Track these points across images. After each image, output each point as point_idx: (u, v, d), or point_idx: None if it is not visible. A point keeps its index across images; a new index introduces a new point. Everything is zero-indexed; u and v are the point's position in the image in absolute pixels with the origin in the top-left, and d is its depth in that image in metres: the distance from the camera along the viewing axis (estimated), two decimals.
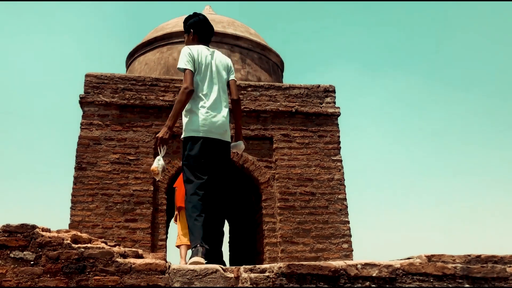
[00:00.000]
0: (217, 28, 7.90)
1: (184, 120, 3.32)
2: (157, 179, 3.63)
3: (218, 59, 3.41)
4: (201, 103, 3.24)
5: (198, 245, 2.91)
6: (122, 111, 6.63)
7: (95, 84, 6.68)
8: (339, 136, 7.10)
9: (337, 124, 7.17)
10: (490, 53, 26.90)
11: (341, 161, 6.97)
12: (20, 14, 26.30)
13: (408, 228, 22.41)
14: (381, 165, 25.79)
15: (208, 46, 3.46)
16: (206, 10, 8.98)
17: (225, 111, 3.29)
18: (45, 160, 24.36)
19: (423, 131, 26.62)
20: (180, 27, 7.91)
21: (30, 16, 26.83)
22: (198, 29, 3.48)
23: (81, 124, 6.51)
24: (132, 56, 8.31)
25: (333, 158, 6.95)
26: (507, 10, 24.91)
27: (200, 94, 3.26)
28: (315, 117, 7.09)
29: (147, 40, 8.01)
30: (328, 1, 28.78)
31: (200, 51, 3.33)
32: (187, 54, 3.27)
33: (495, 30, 26.41)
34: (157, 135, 3.32)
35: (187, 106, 3.27)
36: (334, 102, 7.23)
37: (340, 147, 7.05)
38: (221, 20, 8.25)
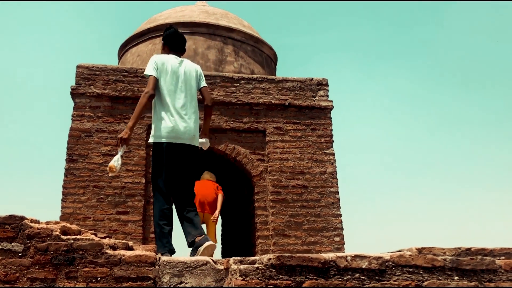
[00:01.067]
0: (210, 19, 7.85)
1: (152, 126, 3.52)
2: (110, 175, 3.82)
3: (187, 67, 3.62)
4: (168, 110, 3.44)
5: (167, 253, 3.17)
6: (114, 102, 6.59)
7: (86, 76, 6.62)
8: (331, 130, 7.10)
9: (330, 118, 7.16)
10: (488, 48, 27.01)
11: (333, 154, 6.97)
12: (11, 4, 26.00)
13: (401, 222, 22.57)
14: (374, 159, 25.90)
15: (179, 56, 3.71)
16: (200, 2, 8.92)
17: (192, 117, 3.51)
18: (36, 152, 24.21)
19: (416, 125, 26.74)
20: (173, 19, 7.86)
21: (21, 6, 26.54)
22: (169, 41, 3.73)
23: (72, 115, 6.46)
24: (125, 48, 8.24)
25: (325, 151, 6.95)
26: (507, 5, 24.99)
27: (168, 102, 3.45)
28: (308, 110, 7.08)
29: (139, 32, 7.94)
30: None
31: (167, 60, 3.57)
32: (153, 62, 3.53)
33: (494, 25, 26.50)
34: (118, 135, 3.56)
35: (156, 113, 3.48)
36: (327, 96, 7.22)
37: (333, 141, 7.06)
38: (214, 12, 8.20)
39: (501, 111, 25.53)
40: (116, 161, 3.44)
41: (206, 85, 3.73)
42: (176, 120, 3.43)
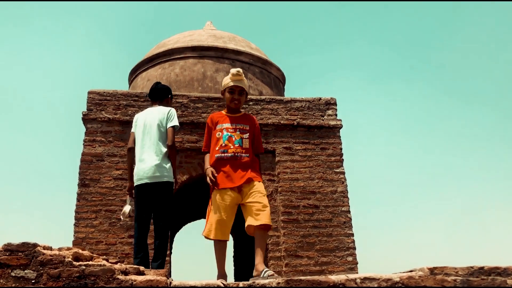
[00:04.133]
0: (218, 43, 7.98)
1: None
2: (123, 219, 4.33)
3: (153, 114, 4.14)
4: (136, 156, 4.07)
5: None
6: (125, 127, 6.68)
7: (97, 101, 6.73)
8: (341, 148, 7.10)
9: (339, 137, 7.17)
10: (495, 65, 26.93)
11: (344, 173, 6.96)
12: (24, 30, 26.64)
13: (415, 240, 22.24)
14: (385, 177, 25.70)
15: (157, 104, 4.29)
16: (207, 26, 9.07)
17: (155, 158, 3.97)
18: (49, 177, 24.44)
19: (426, 143, 26.56)
20: (182, 43, 8.00)
21: (34, 32, 27.17)
22: (149, 96, 4.43)
23: (84, 141, 6.55)
24: (135, 73, 8.39)
25: (336, 170, 6.94)
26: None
27: (136, 150, 4.09)
28: (317, 129, 7.11)
29: (149, 57, 8.09)
30: (328, 12, 28.98)
31: (140, 114, 4.24)
32: (133, 122, 4.28)
33: (499, 42, 26.47)
34: (126, 189, 4.32)
35: None
36: (336, 115, 7.25)
37: (343, 159, 7.05)
38: (222, 35, 8.33)
39: None
40: (126, 208, 4.15)
41: (174, 125, 4.10)
42: (138, 164, 4.00)
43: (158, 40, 9.58)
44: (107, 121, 6.65)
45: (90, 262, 2.62)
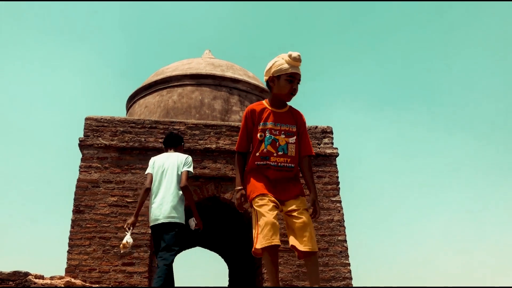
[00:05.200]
0: (216, 71, 8.06)
1: None
2: (122, 251, 4.34)
3: (170, 159, 4.36)
4: (152, 197, 4.23)
5: None
6: (121, 153, 6.67)
7: (94, 127, 6.74)
8: (338, 177, 7.09)
9: (336, 165, 7.18)
10: (492, 94, 27.23)
11: (340, 202, 6.93)
12: (24, 55, 26.86)
13: (413, 269, 22.00)
14: (382, 205, 25.59)
15: (173, 150, 4.54)
16: (206, 54, 9.19)
17: (172, 200, 4.12)
18: (44, 203, 24.24)
19: (424, 170, 26.58)
20: (180, 71, 8.08)
21: (33, 57, 27.41)
22: (164, 143, 4.66)
23: (80, 167, 6.53)
24: (133, 99, 8.43)
25: (332, 199, 6.92)
26: None
27: (153, 191, 4.24)
28: (313, 158, 7.11)
29: (147, 84, 8.15)
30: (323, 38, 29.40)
31: (157, 158, 4.45)
32: (149, 164, 4.44)
33: (499, 69, 26.84)
34: (127, 221, 4.39)
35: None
36: (332, 143, 7.27)
37: (339, 188, 7.03)
38: (220, 64, 8.42)
39: (508, 150, 25.39)
40: (128, 239, 4.20)
41: (189, 170, 4.29)
42: (155, 205, 4.16)
43: (157, 67, 9.68)
44: (104, 147, 6.65)
45: None
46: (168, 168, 4.29)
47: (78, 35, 28.28)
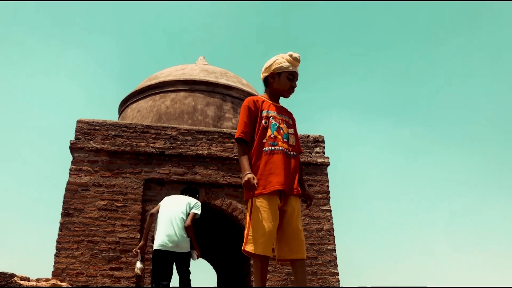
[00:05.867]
0: (210, 78, 8.08)
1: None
2: (136, 273, 5.02)
3: (185, 198, 4.95)
4: (163, 224, 4.72)
5: None
6: (112, 157, 6.65)
7: (86, 130, 6.72)
8: (328, 186, 7.12)
9: (327, 174, 7.20)
10: (488, 104, 27.50)
11: (330, 211, 6.95)
12: (16, 57, 26.74)
13: (401, 278, 22.02)
14: (372, 215, 25.66)
15: (184, 195, 5.08)
16: (200, 60, 9.21)
17: (181, 232, 4.68)
18: (33, 205, 24.01)
19: (415, 180, 26.71)
20: (174, 77, 8.08)
21: (26, 60, 27.29)
22: (181, 191, 5.19)
23: (70, 169, 6.49)
24: (125, 103, 8.42)
25: (322, 208, 6.94)
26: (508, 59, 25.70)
27: (164, 219, 4.73)
28: (304, 166, 7.13)
29: (140, 88, 8.15)
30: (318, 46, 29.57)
31: (169, 198, 5.03)
32: (164, 199, 5.03)
33: (491, 78, 27.13)
34: (138, 246, 5.05)
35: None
36: (323, 152, 7.30)
37: (330, 197, 7.05)
38: (214, 70, 8.44)
39: (500, 164, 25.61)
40: (138, 265, 4.95)
41: (196, 212, 4.85)
42: (165, 233, 4.67)
43: (150, 72, 9.69)
44: (95, 150, 6.62)
45: None
46: (180, 205, 4.87)
47: (72, 39, 28.24)
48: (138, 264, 4.95)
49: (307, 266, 6.48)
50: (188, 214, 4.82)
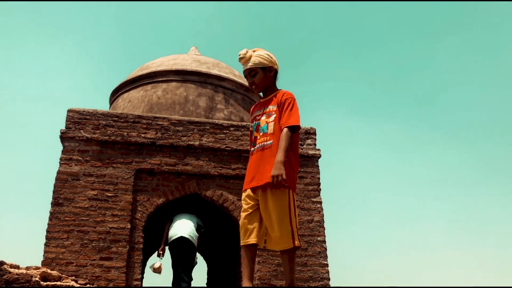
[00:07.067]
0: (202, 68, 8.04)
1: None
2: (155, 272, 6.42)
3: (195, 217, 6.76)
4: (177, 223, 6.55)
5: None
6: (103, 147, 6.61)
7: (77, 120, 6.67)
8: (319, 178, 7.14)
9: (318, 166, 7.22)
10: (481, 99, 27.69)
11: (321, 202, 6.98)
12: (6, 45, 26.41)
13: (391, 271, 22.25)
14: (363, 208, 25.83)
15: (190, 215, 6.77)
16: (192, 51, 9.15)
17: (193, 230, 6.52)
18: (23, 194, 23.85)
19: (408, 174, 26.90)
20: (166, 67, 8.03)
21: (17, 49, 26.96)
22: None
23: (60, 159, 6.45)
24: (116, 93, 8.36)
25: (313, 199, 6.97)
26: (505, 58, 25.87)
27: (178, 222, 6.57)
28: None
29: (131, 78, 8.09)
30: (311, 42, 29.56)
31: (179, 214, 6.75)
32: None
33: (488, 74, 27.31)
34: (160, 249, 6.64)
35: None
36: (315, 144, 7.32)
37: (320, 189, 7.08)
38: (206, 61, 8.40)
39: (491, 158, 25.87)
40: (159, 263, 6.45)
41: (202, 231, 6.72)
42: (179, 225, 6.52)
43: (142, 62, 9.61)
44: (85, 140, 6.58)
45: (58, 283, 2.56)
46: (190, 219, 6.60)
47: (63, 28, 27.92)
48: (158, 264, 6.36)
49: (297, 257, 6.51)
50: (197, 225, 6.59)
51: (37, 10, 26.89)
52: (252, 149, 3.08)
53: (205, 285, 9.83)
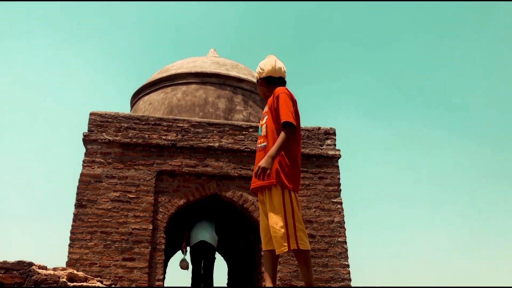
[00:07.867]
0: (221, 70, 8.09)
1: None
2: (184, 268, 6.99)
3: (209, 227, 7.25)
4: (198, 229, 7.15)
5: None
6: (125, 149, 6.71)
7: (99, 123, 6.79)
8: (339, 178, 7.12)
9: (338, 166, 7.20)
10: (493, 98, 27.21)
11: (341, 203, 6.96)
12: (29, 49, 26.96)
13: (412, 271, 22.00)
14: (383, 209, 25.59)
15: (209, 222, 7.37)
16: (211, 53, 9.22)
17: (213, 235, 7.18)
18: (47, 197, 24.31)
19: (426, 173, 26.57)
20: (185, 69, 8.11)
21: (39, 53, 27.50)
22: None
23: (83, 161, 6.57)
24: (137, 96, 8.47)
25: (333, 200, 6.95)
26: None
27: (198, 229, 7.12)
28: (315, 158, 7.14)
29: (152, 81, 8.19)
30: (330, 42, 29.41)
31: (199, 223, 7.22)
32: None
33: (499, 73, 26.81)
34: (183, 246, 7.21)
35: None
36: (335, 145, 7.29)
37: (341, 189, 7.06)
38: (224, 63, 8.45)
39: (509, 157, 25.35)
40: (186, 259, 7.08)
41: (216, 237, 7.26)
42: (200, 231, 7.12)
43: (162, 65, 9.72)
44: (107, 142, 6.69)
45: (85, 284, 2.62)
46: (205, 227, 7.11)
47: (85, 32, 28.37)
48: (185, 261, 7.01)
49: (317, 258, 6.51)
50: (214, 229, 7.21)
51: (58, 12, 27.41)
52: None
53: (226, 285, 9.89)
